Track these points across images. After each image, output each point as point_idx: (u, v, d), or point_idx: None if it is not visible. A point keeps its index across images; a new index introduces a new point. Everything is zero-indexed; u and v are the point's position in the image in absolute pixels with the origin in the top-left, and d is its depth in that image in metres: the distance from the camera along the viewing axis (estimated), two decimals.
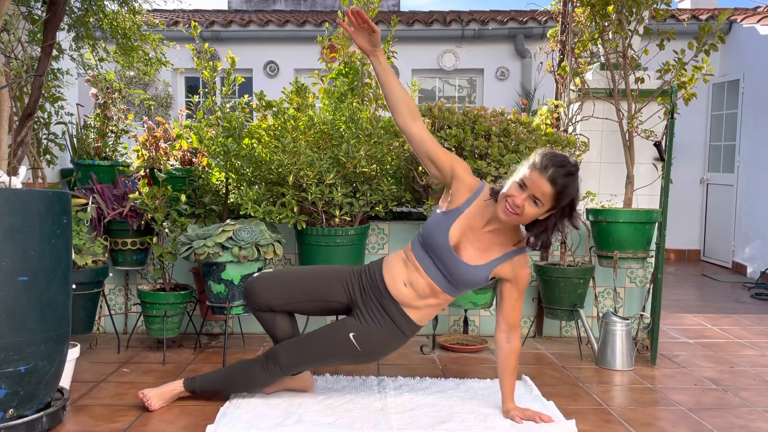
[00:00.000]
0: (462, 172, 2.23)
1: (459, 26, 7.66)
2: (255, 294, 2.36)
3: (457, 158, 2.25)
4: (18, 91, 3.11)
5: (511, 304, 2.29)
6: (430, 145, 2.21)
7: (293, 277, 2.40)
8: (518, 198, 2.06)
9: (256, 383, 2.39)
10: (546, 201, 2.06)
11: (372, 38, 2.20)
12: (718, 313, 4.45)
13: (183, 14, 8.73)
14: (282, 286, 2.36)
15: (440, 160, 2.22)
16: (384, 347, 2.34)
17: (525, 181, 2.06)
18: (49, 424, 2.15)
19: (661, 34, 3.32)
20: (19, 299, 1.98)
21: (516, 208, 2.06)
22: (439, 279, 2.25)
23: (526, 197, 2.06)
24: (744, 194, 6.47)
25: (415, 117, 2.22)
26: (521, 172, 2.10)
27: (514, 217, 2.08)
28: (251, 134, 3.15)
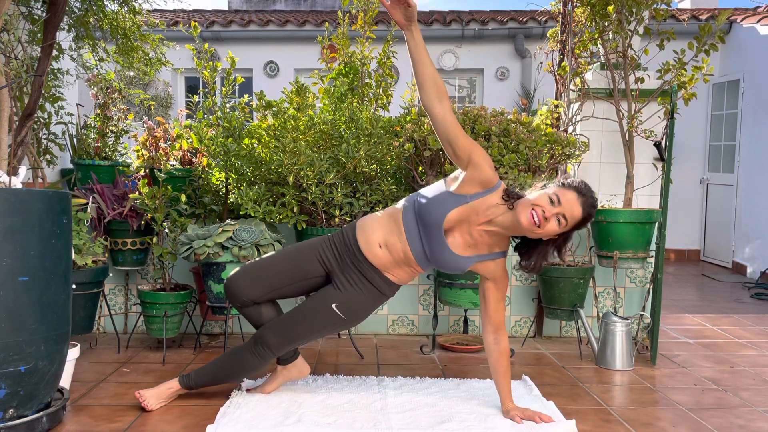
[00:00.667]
0: (481, 161, 2.16)
1: (459, 26, 7.66)
2: (236, 291, 2.35)
3: (478, 147, 2.19)
4: (18, 91, 3.11)
5: (494, 304, 2.29)
6: (452, 128, 2.17)
7: (268, 265, 2.38)
8: (549, 211, 2.07)
9: (249, 369, 2.39)
10: (570, 224, 2.10)
11: (408, 12, 2.14)
12: (718, 313, 4.45)
13: (183, 14, 8.73)
14: (260, 277, 2.35)
15: (459, 142, 2.17)
16: (367, 310, 2.35)
17: (560, 198, 2.08)
18: (49, 424, 2.15)
19: (661, 34, 3.33)
20: (19, 299, 1.98)
21: (543, 221, 2.07)
22: (417, 251, 2.23)
23: (556, 213, 2.07)
24: (744, 194, 6.48)
25: (442, 98, 2.17)
26: (550, 189, 2.12)
27: (535, 228, 2.08)
28: (251, 134, 3.15)
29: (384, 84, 3.49)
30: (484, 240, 2.22)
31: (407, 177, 3.32)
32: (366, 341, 3.43)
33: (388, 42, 3.48)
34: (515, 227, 2.14)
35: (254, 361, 2.35)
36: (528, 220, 2.07)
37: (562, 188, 2.11)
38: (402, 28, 2.17)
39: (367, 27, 3.52)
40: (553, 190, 2.11)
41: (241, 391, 2.53)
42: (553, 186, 2.14)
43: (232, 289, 2.35)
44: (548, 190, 2.13)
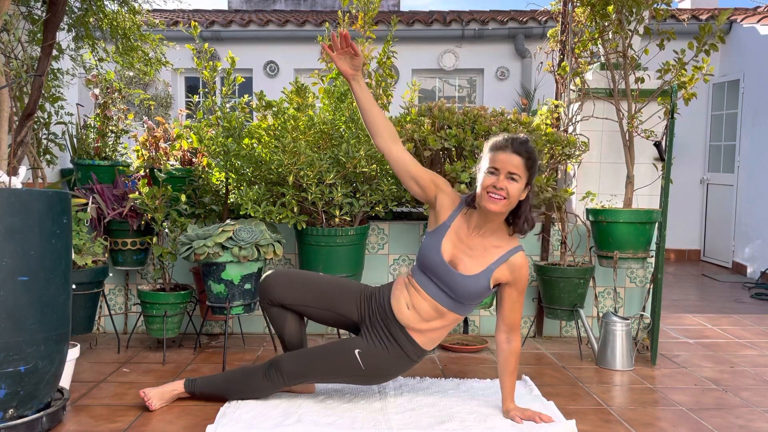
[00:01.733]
0: (444, 186, 2.29)
1: (459, 26, 7.66)
2: (270, 287, 2.37)
3: (436, 175, 2.31)
4: (18, 91, 3.10)
5: (510, 305, 2.29)
6: (412, 166, 2.28)
7: (311, 281, 2.41)
8: (498, 182, 2.12)
9: (257, 390, 2.38)
10: (521, 173, 2.13)
11: (353, 62, 2.24)
12: (718, 313, 4.45)
13: (183, 14, 8.73)
14: (299, 286, 2.38)
15: (423, 178, 2.28)
16: (388, 369, 2.34)
17: (495, 165, 2.13)
18: (49, 424, 2.15)
19: (661, 34, 3.32)
20: (19, 299, 1.98)
21: (500, 191, 2.11)
22: (441, 298, 2.26)
23: (503, 178, 2.12)
24: (744, 194, 6.47)
25: (395, 140, 2.28)
26: (484, 162, 2.18)
27: (502, 201, 2.12)
28: (251, 134, 3.15)
29: (384, 84, 3.48)
30: (486, 244, 2.24)
31: None
32: None
33: (388, 42, 3.48)
34: (494, 216, 2.19)
35: (264, 385, 2.36)
36: (492, 204, 2.12)
37: (490, 157, 2.16)
38: (347, 78, 2.25)
39: (367, 27, 3.52)
40: (485, 164, 2.17)
41: None
42: (484, 160, 2.18)
43: (268, 284, 2.38)
44: (482, 165, 2.18)
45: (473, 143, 3.05)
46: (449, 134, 3.07)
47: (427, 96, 8.08)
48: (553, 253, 3.57)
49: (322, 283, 2.42)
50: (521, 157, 2.13)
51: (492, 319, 3.57)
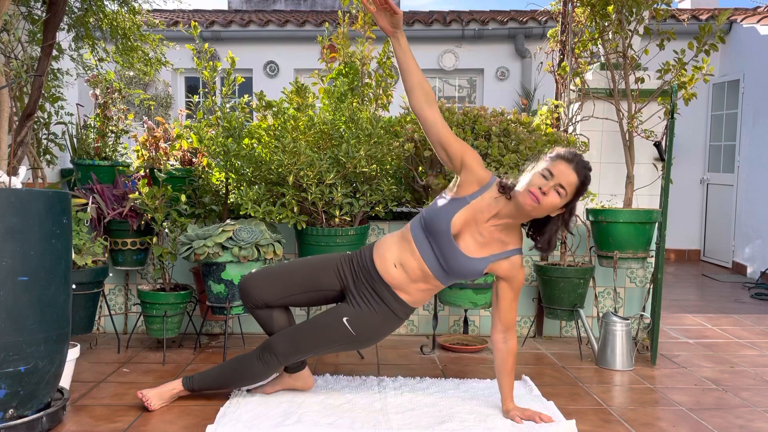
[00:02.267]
0: (473, 162, 2.21)
1: (459, 26, 7.66)
2: (250, 291, 2.36)
3: (468, 148, 2.23)
4: (18, 91, 3.10)
5: (507, 304, 2.29)
6: (443, 131, 2.21)
7: (286, 271, 2.40)
8: (545, 186, 2.08)
9: (254, 375, 2.39)
10: (569, 191, 2.11)
11: (393, 19, 2.18)
12: (718, 313, 4.45)
13: (183, 14, 8.73)
14: (276, 280, 2.37)
15: (452, 147, 2.21)
16: (378, 331, 2.34)
17: (551, 170, 2.10)
18: (49, 424, 2.15)
19: (661, 34, 3.32)
20: (19, 299, 1.98)
21: (542, 196, 2.07)
22: (433, 264, 2.24)
23: (552, 186, 2.09)
24: (744, 194, 6.47)
25: (431, 102, 2.21)
26: (541, 164, 2.13)
27: (536, 204, 2.09)
28: (251, 134, 3.15)
29: (384, 84, 3.48)
30: (495, 236, 2.22)
31: (407, 177, 3.32)
32: None
33: (388, 42, 3.48)
34: (520, 213, 2.15)
35: (259, 368, 2.35)
36: (529, 198, 2.09)
37: (550, 162, 2.12)
38: (388, 35, 2.20)
39: (367, 27, 3.52)
40: (543, 166, 2.13)
41: (241, 392, 2.54)
42: (542, 162, 2.15)
43: (246, 289, 2.37)
44: (538, 167, 2.14)
45: (473, 143, 3.04)
46: None
47: None
48: (553, 253, 3.57)
49: (299, 268, 2.40)
50: (578, 178, 2.11)
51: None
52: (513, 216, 2.19)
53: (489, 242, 2.22)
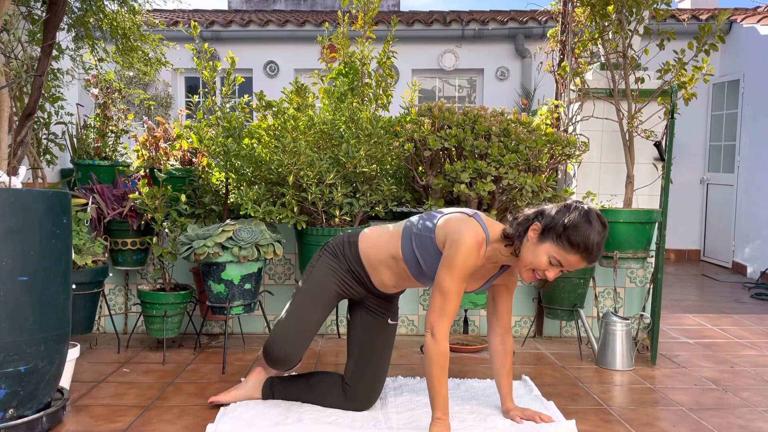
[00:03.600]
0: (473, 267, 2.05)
1: (459, 26, 7.66)
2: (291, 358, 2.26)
3: (466, 274, 2.05)
4: (18, 91, 3.10)
5: (504, 307, 2.28)
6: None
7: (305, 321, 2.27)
8: (550, 273, 1.98)
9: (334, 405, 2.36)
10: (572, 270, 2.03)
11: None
12: (718, 313, 4.45)
13: (183, 14, 8.73)
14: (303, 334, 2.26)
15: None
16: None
17: (562, 262, 1.95)
18: (49, 424, 2.15)
19: (661, 34, 3.32)
20: (19, 299, 1.98)
21: (543, 275, 2.00)
22: (415, 269, 2.21)
23: (557, 272, 1.98)
24: (744, 194, 6.47)
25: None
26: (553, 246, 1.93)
27: (534, 281, 2.08)
28: (251, 134, 3.15)
29: (384, 84, 3.48)
30: (492, 266, 2.20)
31: (407, 177, 3.32)
32: None
33: (388, 42, 3.48)
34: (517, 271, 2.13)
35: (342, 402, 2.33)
36: (529, 278, 2.03)
37: (563, 249, 1.93)
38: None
39: (367, 27, 3.52)
40: (553, 250, 1.94)
41: None
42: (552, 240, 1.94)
43: (288, 358, 2.25)
44: (547, 246, 1.95)
45: (473, 143, 3.04)
46: (449, 134, 3.07)
47: (427, 96, 8.08)
48: None
49: (311, 312, 2.29)
50: (588, 264, 1.99)
51: None
52: (511, 263, 2.13)
53: (487, 273, 2.21)
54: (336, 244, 2.34)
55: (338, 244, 2.33)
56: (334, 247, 2.33)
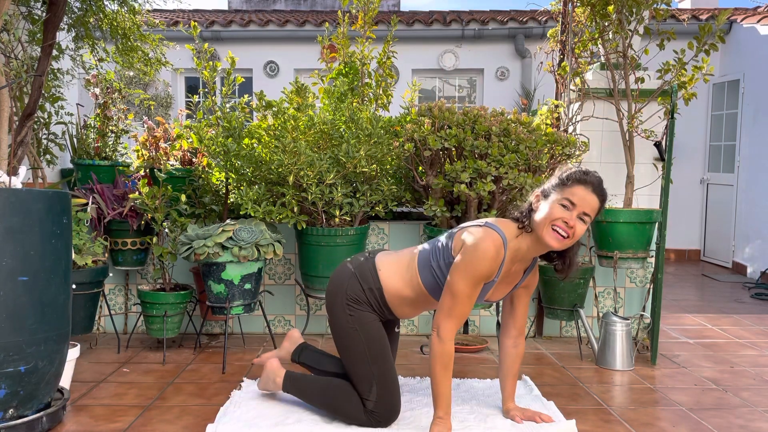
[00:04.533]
0: (489, 272, 2.01)
1: (459, 26, 7.66)
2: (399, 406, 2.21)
3: (481, 278, 2.02)
4: (18, 91, 3.10)
5: (522, 309, 2.26)
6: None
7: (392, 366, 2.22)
8: (569, 218, 1.96)
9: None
10: (592, 215, 2.00)
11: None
12: (718, 313, 4.45)
13: (183, 14, 8.73)
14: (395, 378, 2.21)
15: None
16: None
17: (572, 200, 1.96)
18: (49, 424, 2.15)
19: (661, 34, 3.32)
20: (19, 299, 1.98)
21: (570, 230, 1.96)
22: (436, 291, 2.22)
23: (576, 215, 1.97)
24: (744, 194, 6.47)
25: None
26: (556, 192, 1.99)
27: (567, 241, 1.97)
28: (251, 134, 3.15)
29: (384, 84, 3.48)
30: (519, 270, 2.17)
31: (407, 177, 3.31)
32: None
33: (388, 42, 3.48)
34: (543, 247, 2.03)
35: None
36: (556, 239, 1.97)
37: (566, 188, 1.98)
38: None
39: (367, 27, 3.52)
40: (559, 195, 1.98)
41: (241, 391, 2.54)
42: (554, 190, 2.01)
43: (398, 408, 2.20)
44: (553, 197, 1.99)
45: (473, 143, 3.04)
46: (449, 134, 3.07)
47: (427, 96, 8.08)
48: None
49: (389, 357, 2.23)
50: (599, 200, 1.99)
51: (492, 319, 3.57)
52: (537, 250, 2.06)
53: (514, 277, 2.17)
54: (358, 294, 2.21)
55: (360, 293, 2.21)
56: (358, 296, 2.21)
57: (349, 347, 2.19)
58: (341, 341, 2.22)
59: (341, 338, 2.21)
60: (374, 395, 2.14)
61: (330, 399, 2.21)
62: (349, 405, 2.17)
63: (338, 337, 2.22)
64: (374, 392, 2.14)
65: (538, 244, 2.03)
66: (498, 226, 2.04)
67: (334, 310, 2.23)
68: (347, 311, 2.20)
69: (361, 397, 2.16)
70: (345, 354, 2.21)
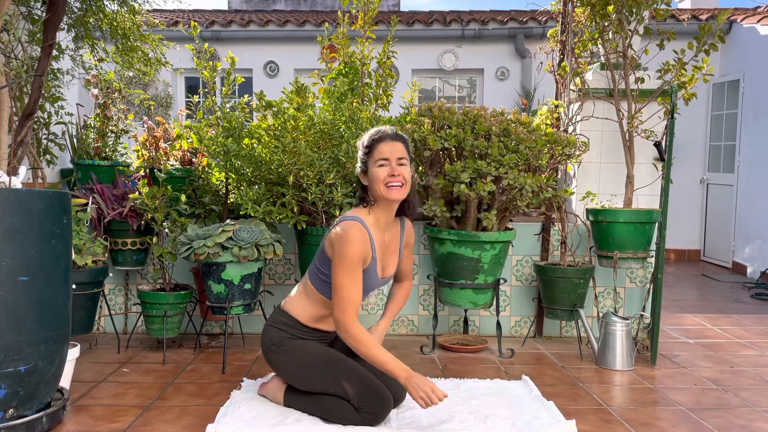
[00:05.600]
0: (365, 255, 2.22)
1: (459, 26, 7.66)
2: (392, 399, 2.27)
3: (358, 267, 2.21)
4: (18, 91, 3.10)
5: (408, 264, 2.52)
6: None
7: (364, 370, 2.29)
8: (392, 170, 2.20)
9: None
10: (407, 156, 2.26)
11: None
12: (718, 313, 4.45)
13: (183, 14, 8.73)
14: (368, 376, 2.27)
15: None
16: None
17: (383, 156, 2.22)
18: (49, 424, 2.15)
19: (661, 34, 3.33)
20: (19, 299, 1.98)
21: (398, 178, 2.20)
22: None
23: (396, 165, 2.21)
24: (744, 194, 6.47)
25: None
26: (368, 158, 2.24)
27: (403, 188, 2.22)
28: (251, 134, 3.15)
29: (384, 84, 3.48)
30: (394, 234, 2.39)
31: None
32: None
33: (388, 42, 3.48)
34: (395, 205, 2.28)
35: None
36: (396, 191, 2.21)
37: (373, 152, 2.23)
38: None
39: (367, 27, 3.52)
40: (373, 160, 2.23)
41: (241, 391, 2.54)
42: (367, 159, 2.25)
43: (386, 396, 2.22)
44: (370, 164, 2.24)
45: (473, 143, 3.04)
46: (449, 134, 3.07)
47: (427, 96, 8.08)
48: (553, 253, 3.57)
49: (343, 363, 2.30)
50: (402, 143, 2.25)
51: (492, 319, 3.57)
52: (392, 210, 2.30)
53: (395, 246, 2.40)
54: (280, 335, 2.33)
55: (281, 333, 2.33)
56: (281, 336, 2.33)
57: (304, 374, 2.28)
58: (296, 379, 2.31)
59: (294, 376, 2.31)
60: (352, 393, 2.20)
61: (326, 411, 2.25)
62: (343, 410, 2.21)
63: (291, 376, 2.32)
64: (350, 391, 2.20)
65: (388, 205, 2.27)
66: (351, 215, 2.26)
67: (272, 359, 2.34)
68: (280, 352, 2.31)
69: (348, 402, 2.21)
70: (306, 382, 2.29)
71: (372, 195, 2.26)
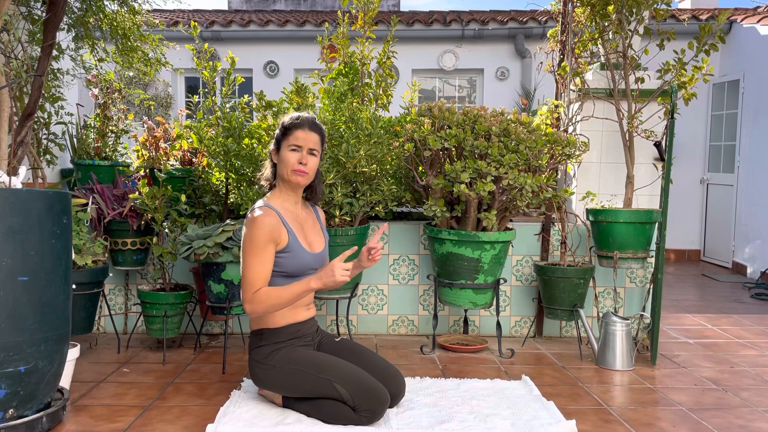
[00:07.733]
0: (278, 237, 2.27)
1: (459, 26, 7.66)
2: (388, 396, 2.27)
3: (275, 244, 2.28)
4: (18, 91, 3.10)
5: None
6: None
7: (346, 366, 2.30)
8: (302, 159, 2.29)
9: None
10: (319, 148, 2.35)
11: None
12: (718, 313, 4.45)
13: (183, 14, 8.73)
14: (360, 372, 2.28)
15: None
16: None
17: (296, 143, 2.29)
18: (49, 424, 2.15)
19: (661, 34, 3.33)
20: (19, 299, 1.98)
21: (304, 167, 2.29)
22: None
23: (306, 154, 2.30)
24: (744, 194, 6.47)
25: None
26: (283, 139, 2.31)
27: (307, 176, 2.31)
28: (251, 134, 3.15)
29: (384, 84, 3.48)
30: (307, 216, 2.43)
31: (407, 177, 3.32)
32: (366, 341, 3.42)
33: (388, 42, 3.48)
34: (298, 189, 2.37)
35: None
36: (300, 177, 2.30)
37: (289, 135, 2.30)
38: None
39: (367, 27, 3.52)
40: (287, 141, 2.30)
41: (241, 391, 2.54)
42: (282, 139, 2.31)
43: (381, 392, 2.23)
44: (284, 145, 2.31)
45: (473, 143, 3.04)
46: (449, 134, 3.07)
47: (427, 96, 8.07)
48: (553, 253, 3.57)
49: (335, 362, 2.31)
50: (318, 134, 2.33)
51: (492, 319, 3.57)
52: (297, 192, 2.39)
53: (314, 224, 2.45)
54: (262, 351, 2.33)
55: (263, 348, 2.33)
56: (263, 352, 2.32)
57: (296, 384, 2.27)
58: (290, 389, 2.29)
59: (288, 388, 2.30)
60: (346, 394, 2.20)
61: (325, 414, 2.24)
62: (340, 412, 2.21)
63: (285, 389, 2.31)
64: (344, 392, 2.20)
65: (295, 188, 2.37)
66: (259, 201, 2.35)
67: (260, 376, 2.32)
68: (269, 367, 2.30)
69: (344, 403, 2.21)
70: (301, 391, 2.27)
71: (278, 174, 2.36)
